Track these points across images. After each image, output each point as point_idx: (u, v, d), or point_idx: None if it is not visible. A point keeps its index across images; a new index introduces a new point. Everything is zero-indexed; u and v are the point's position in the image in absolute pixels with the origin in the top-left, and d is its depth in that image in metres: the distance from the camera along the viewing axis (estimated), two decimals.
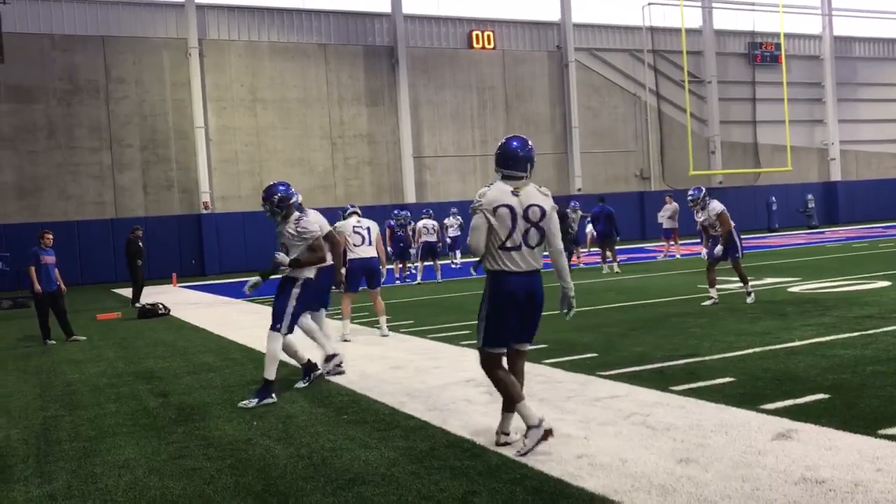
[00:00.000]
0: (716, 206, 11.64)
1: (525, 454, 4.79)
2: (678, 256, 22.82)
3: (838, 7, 42.44)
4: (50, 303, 12.16)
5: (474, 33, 34.66)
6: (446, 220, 23.46)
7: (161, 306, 15.48)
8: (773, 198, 38.24)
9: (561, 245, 5.11)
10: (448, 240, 23.37)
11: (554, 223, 5.05)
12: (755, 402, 5.71)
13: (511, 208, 4.93)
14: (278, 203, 7.09)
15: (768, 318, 9.82)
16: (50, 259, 12.19)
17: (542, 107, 36.20)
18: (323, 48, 32.13)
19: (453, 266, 23.27)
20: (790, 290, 12.83)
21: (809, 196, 39.99)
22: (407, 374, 7.78)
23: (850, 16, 42.83)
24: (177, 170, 29.88)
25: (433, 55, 34.10)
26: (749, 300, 11.29)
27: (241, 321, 13.64)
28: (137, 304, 16.90)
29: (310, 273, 7.19)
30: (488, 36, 34.87)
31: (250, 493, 4.49)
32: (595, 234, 21.46)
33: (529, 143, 5.16)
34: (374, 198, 32.29)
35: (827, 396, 5.77)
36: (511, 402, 5.03)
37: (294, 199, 7.22)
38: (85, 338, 12.28)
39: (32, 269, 12.00)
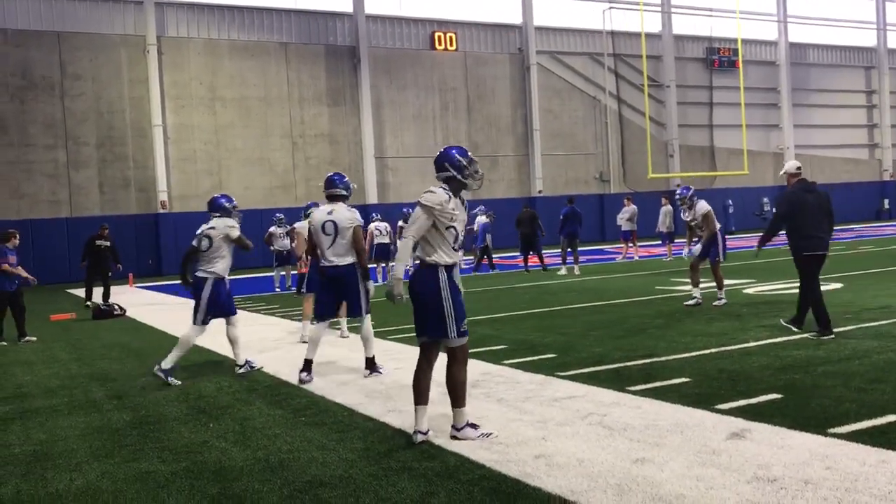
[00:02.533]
0: (702, 206, 11.65)
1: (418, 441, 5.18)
2: (637, 258, 23.06)
3: (793, 14, 43.28)
4: (10, 302, 11.96)
5: (436, 34, 34.67)
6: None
7: (117, 307, 15.22)
8: (730, 201, 38.84)
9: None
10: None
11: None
12: (710, 402, 5.79)
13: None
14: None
15: (724, 320, 9.97)
16: (13, 259, 12.05)
17: (503, 109, 36.33)
18: (284, 47, 31.88)
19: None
20: (745, 291, 13.04)
21: (765, 199, 40.73)
22: (365, 378, 7.74)
23: (805, 23, 43.72)
24: (134, 168, 29.41)
25: (395, 56, 34.03)
26: (717, 303, 11.34)
27: None
28: (88, 304, 16.65)
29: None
30: (450, 37, 34.90)
31: (206, 497, 4.43)
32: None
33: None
34: None
35: (780, 396, 5.87)
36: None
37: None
38: (35, 339, 12.02)
39: (7, 266, 11.83)
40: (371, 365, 7.73)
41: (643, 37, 36.31)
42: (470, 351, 8.61)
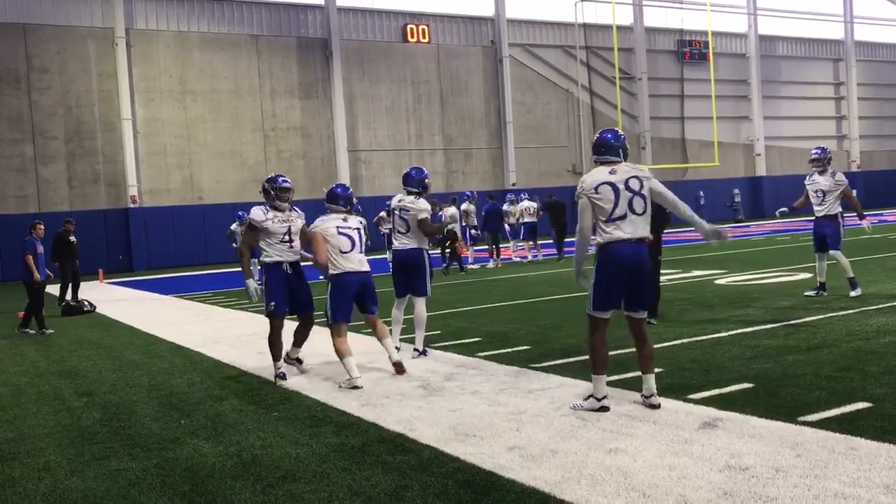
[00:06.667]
0: (842, 177, 11.09)
1: (574, 408, 5.52)
2: None
3: (763, 7, 43.66)
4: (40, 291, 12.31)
5: (409, 27, 34.56)
6: (522, 205, 21.62)
7: (86, 303, 15.04)
8: (701, 192, 39.17)
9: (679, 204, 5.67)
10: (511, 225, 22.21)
11: (657, 188, 5.64)
12: (682, 392, 5.83)
13: (612, 184, 5.63)
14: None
15: (696, 310, 10.05)
16: (40, 249, 12.40)
17: (476, 102, 36.32)
18: (255, 39, 31.61)
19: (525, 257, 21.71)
20: (717, 282, 13.15)
21: (736, 190, 41.13)
22: (340, 370, 7.69)
23: (775, 15, 44.13)
24: (103, 163, 29.03)
25: (367, 48, 33.87)
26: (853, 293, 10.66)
27: (169, 317, 13.35)
28: (73, 302, 16.40)
29: None
30: (423, 30, 34.80)
31: (177, 493, 4.38)
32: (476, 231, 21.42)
33: (621, 134, 5.95)
34: (308, 192, 31.91)
35: (751, 385, 5.93)
36: (594, 369, 5.56)
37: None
38: (53, 331, 12.18)
39: (30, 257, 12.07)
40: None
41: (615, 29, 36.46)
42: (444, 344, 8.67)
